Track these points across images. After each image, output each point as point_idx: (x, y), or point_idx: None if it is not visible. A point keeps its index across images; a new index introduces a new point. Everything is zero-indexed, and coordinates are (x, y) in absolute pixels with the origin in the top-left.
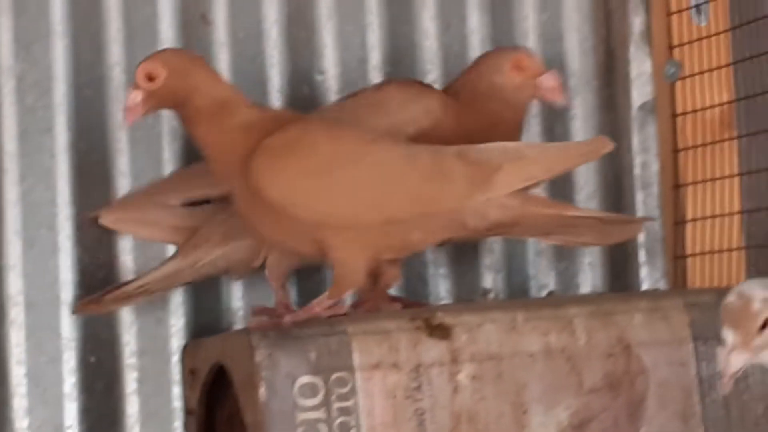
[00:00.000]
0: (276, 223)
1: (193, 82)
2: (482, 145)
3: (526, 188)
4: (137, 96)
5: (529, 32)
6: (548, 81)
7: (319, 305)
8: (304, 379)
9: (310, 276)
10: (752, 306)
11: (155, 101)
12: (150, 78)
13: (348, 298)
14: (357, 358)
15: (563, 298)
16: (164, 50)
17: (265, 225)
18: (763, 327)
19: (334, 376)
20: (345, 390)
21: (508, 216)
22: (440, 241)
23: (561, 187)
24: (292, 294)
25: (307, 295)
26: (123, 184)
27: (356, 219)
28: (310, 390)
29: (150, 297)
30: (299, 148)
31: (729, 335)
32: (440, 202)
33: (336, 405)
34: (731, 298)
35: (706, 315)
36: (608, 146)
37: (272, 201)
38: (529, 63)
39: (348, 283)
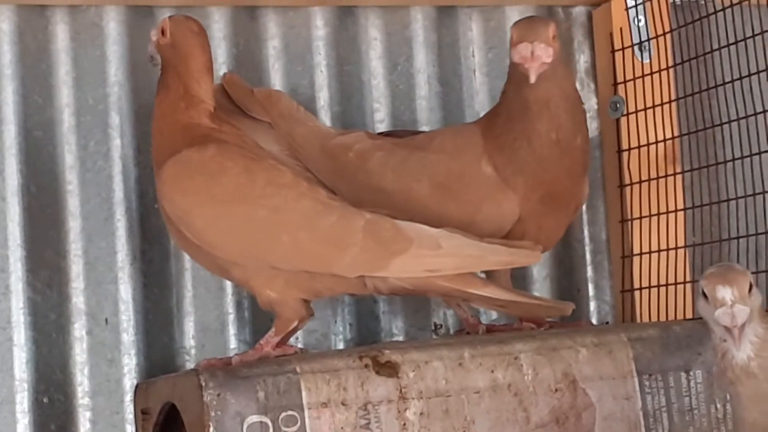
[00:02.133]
0: (181, 237)
1: (187, 61)
2: (403, 223)
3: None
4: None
5: (476, 70)
6: (519, 51)
7: (267, 344)
8: (253, 419)
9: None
10: (737, 267)
11: (160, 54)
12: (162, 32)
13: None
14: (306, 397)
15: (509, 335)
16: (186, 17)
17: (174, 235)
18: (750, 290)
19: (283, 414)
20: (294, 428)
21: (409, 286)
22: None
23: None
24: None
25: None
26: (74, 225)
27: (240, 257)
28: (260, 429)
29: None
30: (208, 168)
31: (726, 292)
32: (328, 267)
33: None
34: (712, 269)
35: (650, 350)
36: (534, 259)
37: (168, 213)
38: (512, 32)
39: (285, 318)
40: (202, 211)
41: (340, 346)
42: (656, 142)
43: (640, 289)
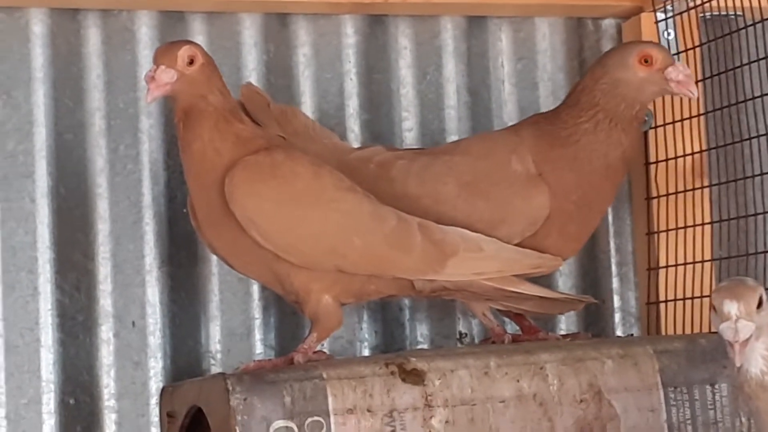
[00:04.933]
0: (234, 243)
1: (215, 81)
2: (444, 227)
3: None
4: (174, 75)
5: (505, 80)
6: (676, 73)
7: (310, 349)
8: (279, 423)
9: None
10: (748, 282)
11: (182, 86)
12: (191, 61)
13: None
14: (332, 403)
15: (535, 344)
16: (192, 42)
17: (223, 243)
18: (759, 306)
19: (309, 420)
20: None
21: (454, 285)
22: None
23: None
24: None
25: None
26: (102, 228)
27: (311, 261)
28: None
29: None
30: (280, 172)
31: (732, 307)
32: (394, 270)
33: None
34: (723, 284)
35: (675, 362)
36: (557, 264)
37: (237, 216)
38: (656, 55)
39: (330, 327)
40: (277, 214)
41: (365, 353)
42: (684, 156)
43: (666, 301)
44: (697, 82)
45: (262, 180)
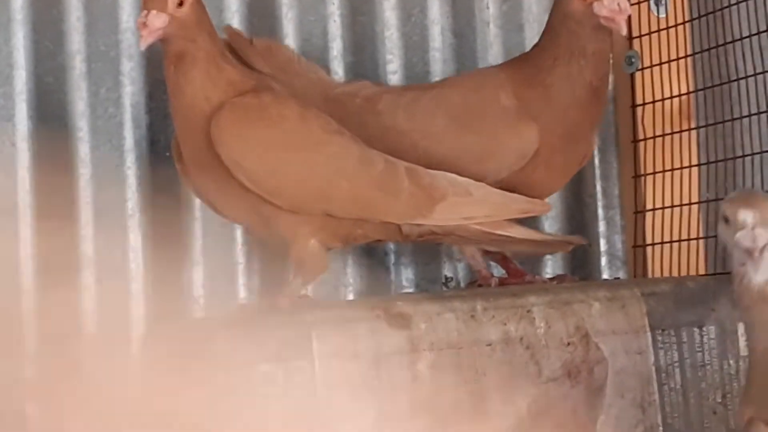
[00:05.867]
0: (221, 186)
1: (205, 22)
2: (433, 171)
3: None
4: (165, 19)
5: (490, 22)
6: (599, 7)
7: (293, 293)
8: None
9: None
10: (759, 193)
11: (173, 28)
12: (180, 3)
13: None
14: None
15: (522, 288)
16: None
17: (209, 187)
18: None
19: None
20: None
21: (441, 230)
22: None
23: None
24: None
25: None
26: (84, 173)
27: (298, 204)
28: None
29: None
30: (266, 115)
31: (748, 215)
32: (382, 214)
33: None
34: (734, 194)
35: (663, 305)
36: (546, 209)
37: (223, 159)
38: None
39: (316, 271)
40: (264, 157)
41: (351, 297)
42: (671, 98)
43: (653, 244)
44: (684, 22)
45: (249, 122)
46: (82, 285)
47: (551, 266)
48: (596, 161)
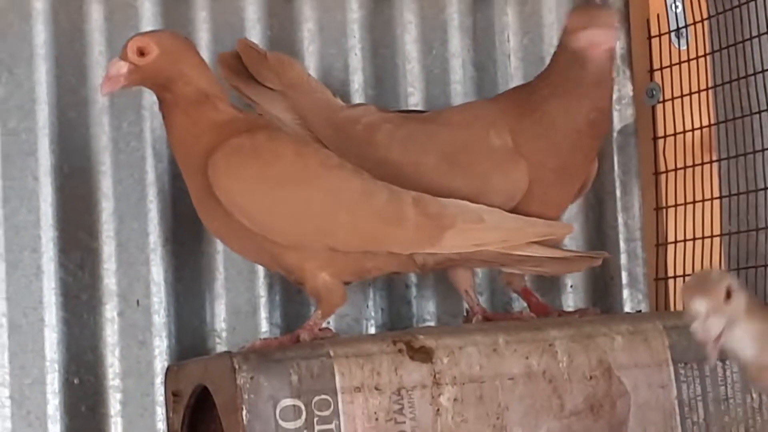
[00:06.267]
0: (227, 226)
1: (182, 68)
2: (443, 199)
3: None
4: (123, 67)
5: (511, 55)
6: (576, 41)
7: (316, 325)
8: (287, 402)
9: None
10: (711, 276)
11: (138, 77)
12: (141, 53)
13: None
14: (339, 381)
15: (544, 321)
16: (159, 30)
17: (218, 226)
18: (728, 297)
19: (317, 398)
20: (327, 413)
21: (459, 256)
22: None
23: None
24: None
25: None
26: (106, 206)
27: (299, 241)
28: (293, 412)
29: None
30: (262, 154)
31: (701, 304)
32: (387, 245)
33: (318, 428)
34: (688, 281)
35: (685, 338)
36: (568, 231)
37: (222, 201)
38: (571, 20)
39: (333, 303)
40: (261, 196)
41: (372, 331)
42: (692, 130)
43: (675, 277)
44: (705, 55)
45: (244, 163)
46: (105, 319)
47: (573, 299)
48: (618, 193)
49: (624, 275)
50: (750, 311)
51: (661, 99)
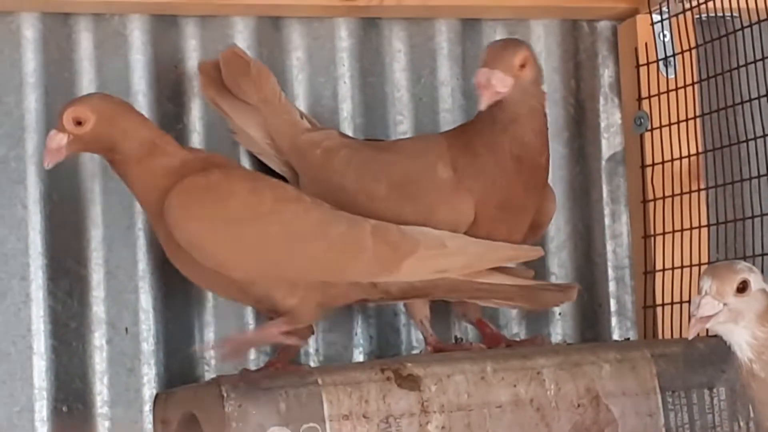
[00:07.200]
0: (191, 265)
1: (121, 128)
2: (405, 227)
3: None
4: (63, 139)
5: None
6: (477, 76)
7: (276, 327)
8: (275, 430)
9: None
10: (736, 266)
11: (80, 145)
12: (78, 122)
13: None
14: (327, 409)
15: (531, 349)
16: (92, 95)
17: (183, 266)
18: (741, 290)
19: (305, 426)
20: None
21: (419, 284)
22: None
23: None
24: None
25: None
26: (95, 234)
27: (258, 275)
28: None
29: None
30: (216, 192)
31: (707, 283)
32: (345, 275)
33: None
34: (718, 263)
35: (673, 366)
36: (535, 254)
37: (179, 241)
38: (482, 55)
39: (303, 319)
40: (216, 234)
41: (361, 358)
42: (680, 158)
43: (663, 305)
44: (693, 84)
45: (198, 202)
46: (94, 346)
47: (561, 327)
48: (606, 221)
49: (612, 303)
50: (764, 318)
51: (649, 127)
